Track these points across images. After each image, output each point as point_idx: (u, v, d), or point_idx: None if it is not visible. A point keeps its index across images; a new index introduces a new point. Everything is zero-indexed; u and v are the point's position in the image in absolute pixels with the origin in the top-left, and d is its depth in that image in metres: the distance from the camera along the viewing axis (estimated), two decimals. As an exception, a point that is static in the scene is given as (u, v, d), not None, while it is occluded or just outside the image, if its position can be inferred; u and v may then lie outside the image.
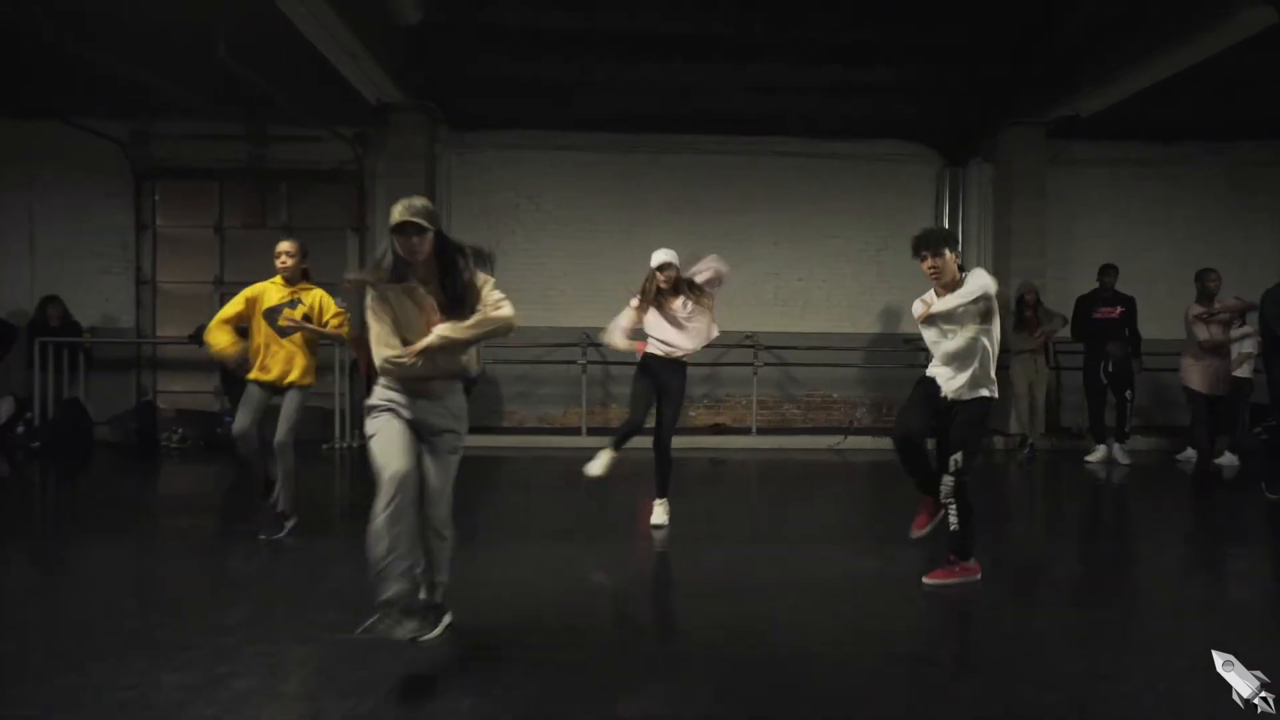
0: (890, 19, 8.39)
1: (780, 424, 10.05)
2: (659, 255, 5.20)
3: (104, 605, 3.82)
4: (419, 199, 3.12)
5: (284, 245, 4.99)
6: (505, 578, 4.10)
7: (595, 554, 4.81)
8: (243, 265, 9.81)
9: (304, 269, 5.06)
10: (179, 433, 9.10)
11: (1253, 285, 7.33)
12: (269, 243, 10.30)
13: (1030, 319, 8.71)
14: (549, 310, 9.71)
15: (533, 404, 10.00)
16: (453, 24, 8.11)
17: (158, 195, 9.87)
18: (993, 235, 10.03)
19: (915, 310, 4.21)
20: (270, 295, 4.93)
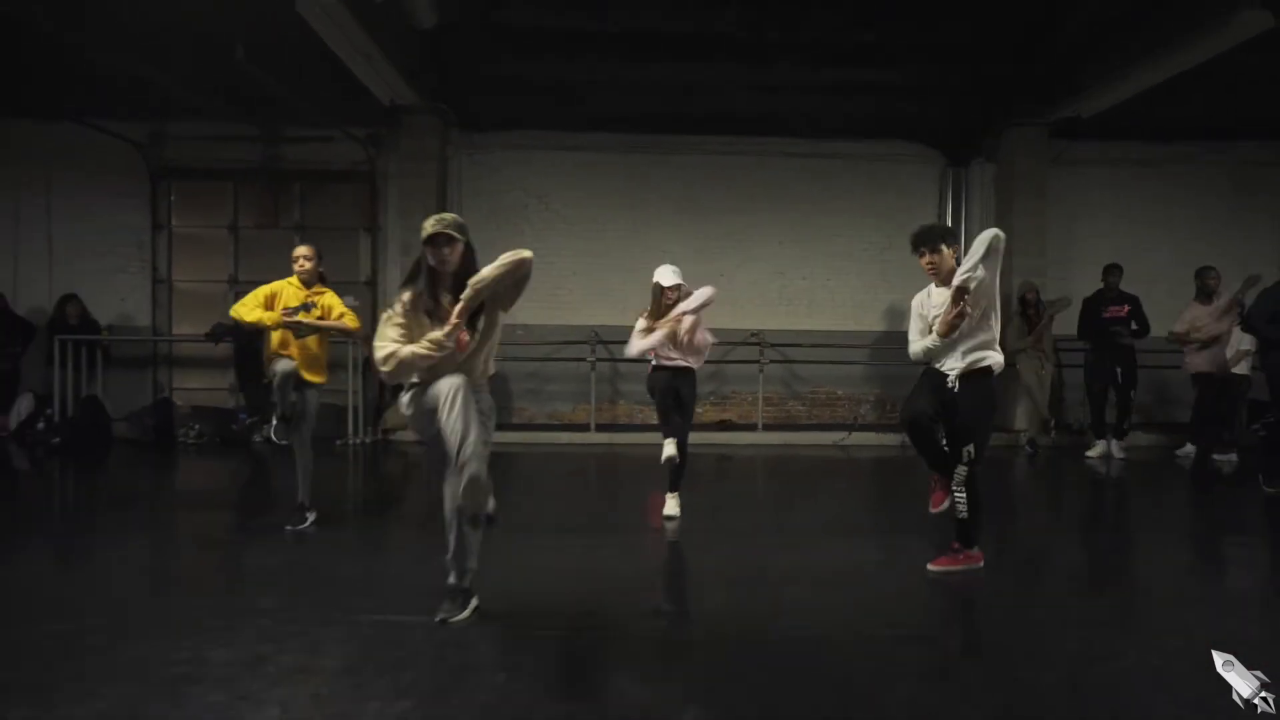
0: (893, 20, 8.54)
1: (786, 420, 10.21)
2: (668, 276, 5.28)
3: (145, 591, 4.00)
4: (451, 214, 3.39)
5: (301, 250, 5.11)
6: (523, 567, 4.25)
7: (608, 545, 4.96)
8: (256, 264, 10.00)
9: (320, 272, 5.18)
10: (196, 429, 9.28)
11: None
12: (282, 242, 10.53)
13: (1031, 317, 8.88)
14: (558, 309, 9.88)
15: (542, 401, 10.16)
16: (464, 26, 8.26)
17: (173, 195, 10.05)
18: (995, 235, 10.16)
19: (915, 304, 4.27)
20: (288, 296, 5.05)
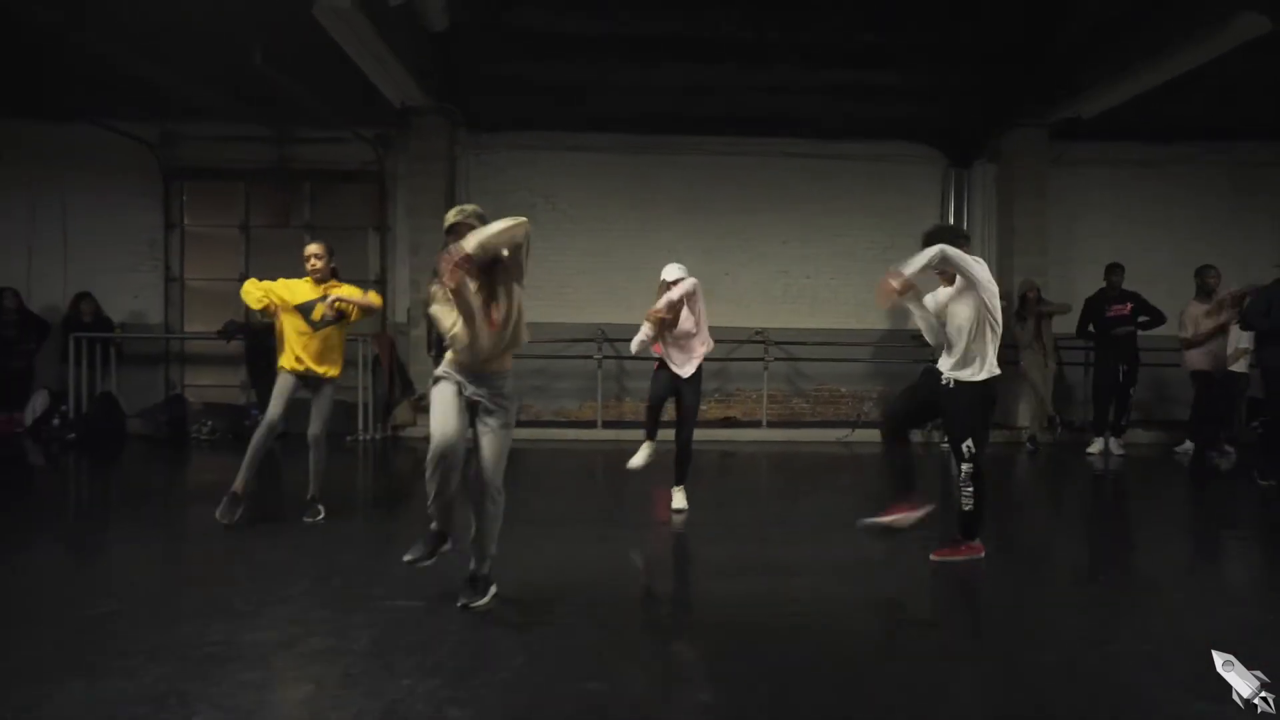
0: (896, 22, 8.67)
1: (790, 417, 10.34)
2: (670, 271, 5.42)
3: (173, 579, 4.13)
4: (471, 205, 3.60)
5: (312, 248, 5.13)
6: (536, 558, 4.37)
7: (618, 538, 5.10)
8: (268, 263, 10.04)
9: (333, 268, 5.24)
10: (208, 425, 9.40)
11: (1251, 283, 7.59)
12: (293, 241, 10.66)
13: (1033, 314, 9.00)
14: (564, 307, 10.01)
15: (549, 398, 10.29)
16: (473, 28, 8.40)
17: (185, 195, 10.19)
18: (996, 234, 10.30)
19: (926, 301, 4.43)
20: (302, 292, 5.11)
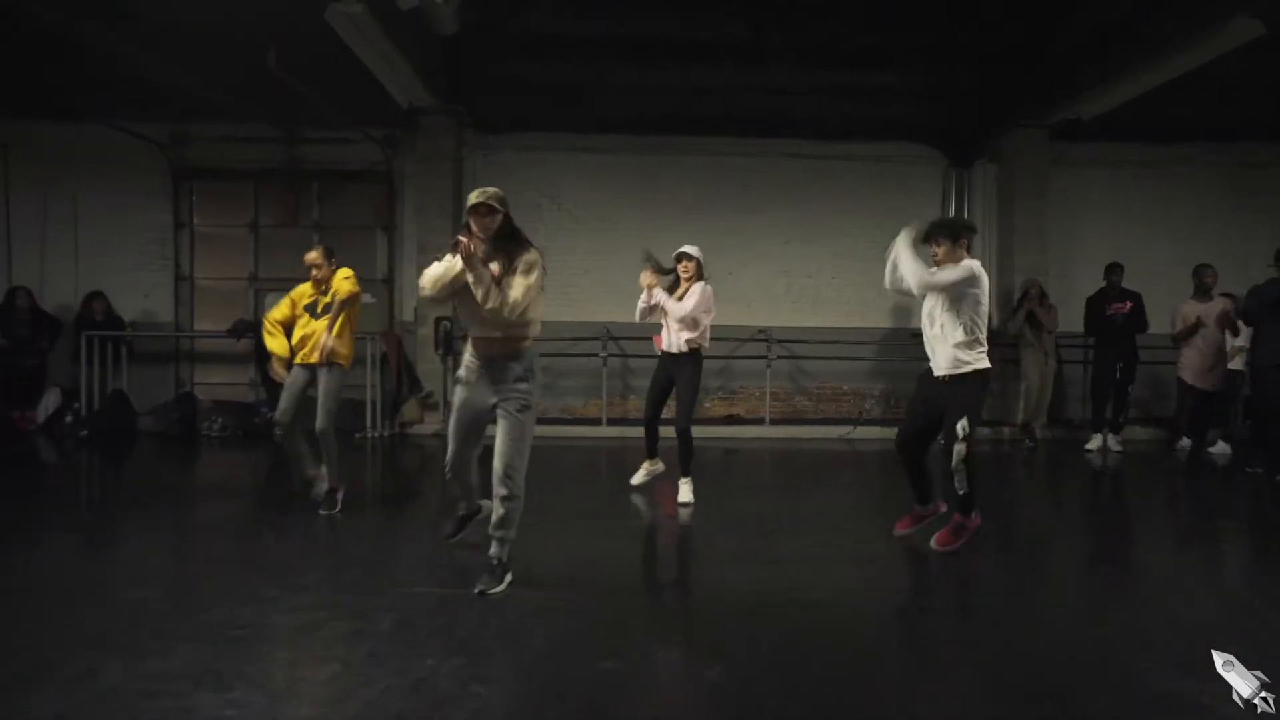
0: (897, 24, 8.78)
1: (792, 415, 10.45)
2: (687, 247, 5.79)
3: (198, 568, 4.25)
4: (493, 188, 3.77)
5: (309, 256, 5.33)
6: (548, 548, 4.49)
7: (626, 529, 5.23)
8: (276, 262, 10.26)
9: (334, 264, 5.38)
10: (219, 422, 9.52)
11: (1251, 284, 7.68)
12: (301, 240, 10.80)
13: (1036, 312, 9.10)
14: (570, 305, 10.11)
15: (555, 395, 10.40)
16: (481, 30, 8.51)
17: (195, 195, 10.29)
18: (997, 234, 10.41)
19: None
20: (307, 292, 5.38)
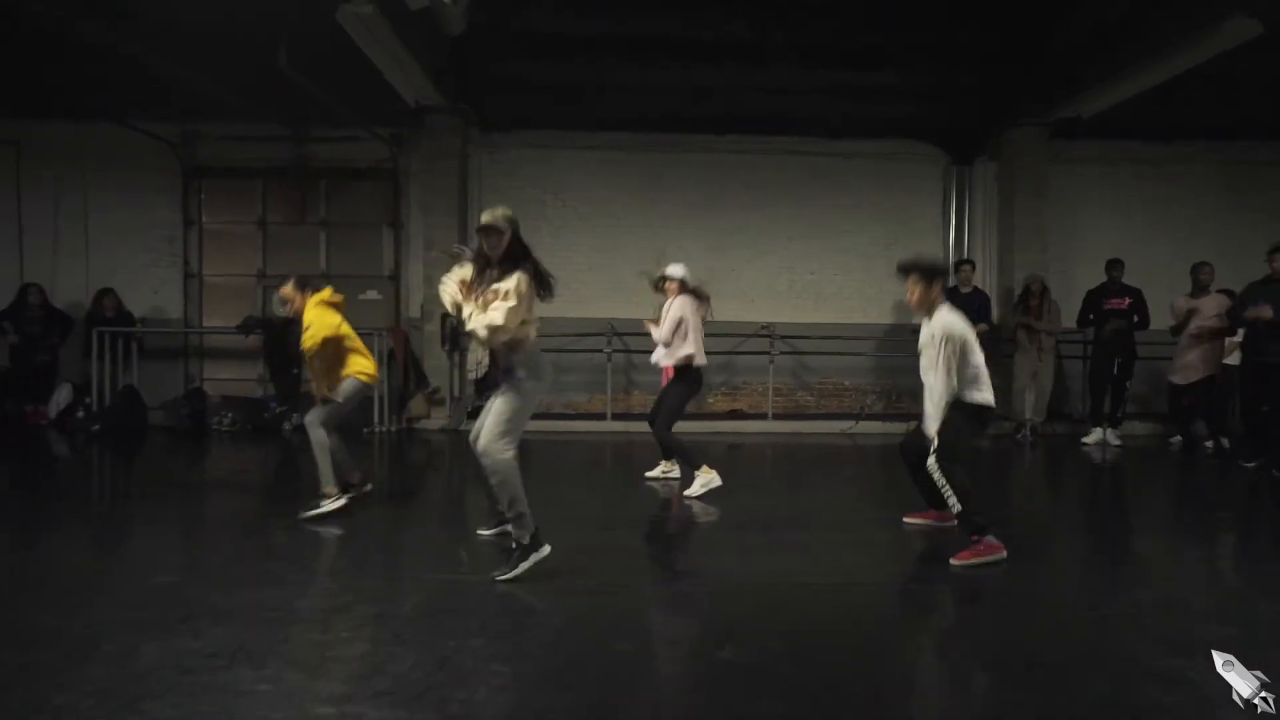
0: (897, 24, 8.89)
1: (795, 410, 10.57)
2: (670, 268, 6.04)
3: (221, 555, 4.36)
4: (502, 208, 3.92)
5: (284, 290, 5.25)
6: (558, 537, 4.57)
7: (632, 521, 5.34)
8: (284, 259, 10.37)
9: (306, 289, 5.26)
10: (228, 417, 9.64)
11: (1248, 282, 7.79)
12: (309, 238, 10.86)
13: (1035, 308, 9.23)
14: (574, 302, 10.19)
15: (559, 391, 10.50)
16: (486, 30, 8.62)
17: (204, 193, 10.40)
18: (997, 231, 10.52)
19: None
20: None
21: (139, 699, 2.48)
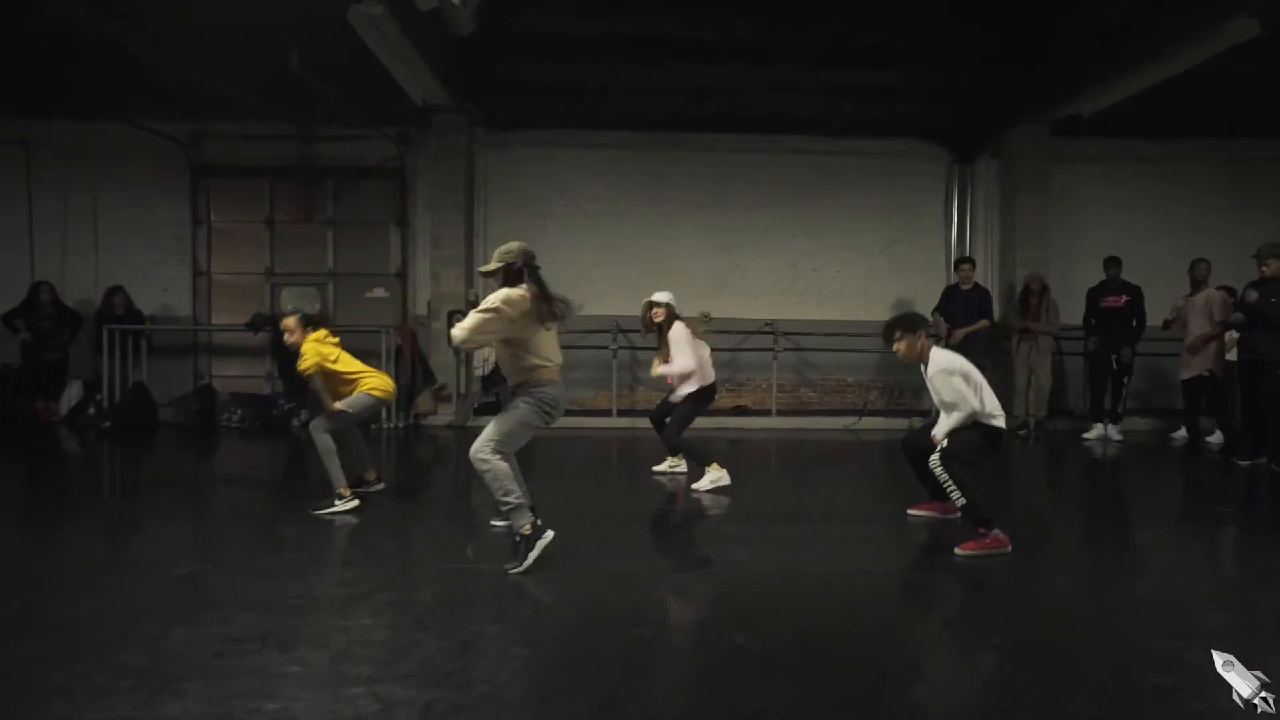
0: (900, 24, 8.96)
1: (798, 406, 10.66)
2: (656, 294, 6.24)
3: (239, 548, 4.45)
4: (501, 247, 4.09)
5: (286, 322, 5.35)
6: (565, 533, 4.66)
7: (638, 517, 5.44)
8: (292, 257, 10.49)
9: (308, 326, 5.35)
10: (237, 414, 9.73)
11: (1247, 280, 7.88)
12: (316, 236, 10.95)
13: (1034, 307, 9.30)
14: (580, 299, 10.26)
15: (566, 387, 10.58)
16: (493, 30, 8.70)
17: (212, 191, 10.48)
18: (999, 229, 10.61)
19: None
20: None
21: (175, 680, 2.58)
